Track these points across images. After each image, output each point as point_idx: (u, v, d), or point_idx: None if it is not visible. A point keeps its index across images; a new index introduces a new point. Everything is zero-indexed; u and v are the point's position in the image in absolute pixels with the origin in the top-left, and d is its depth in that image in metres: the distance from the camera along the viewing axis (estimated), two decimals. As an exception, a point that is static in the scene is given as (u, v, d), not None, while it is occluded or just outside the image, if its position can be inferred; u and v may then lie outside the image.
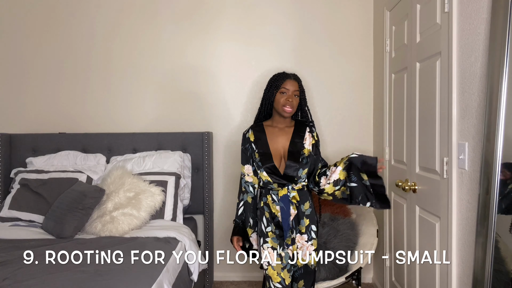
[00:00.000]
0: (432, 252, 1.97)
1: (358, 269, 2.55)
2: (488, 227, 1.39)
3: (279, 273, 2.02)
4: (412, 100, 2.24)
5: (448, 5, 1.75)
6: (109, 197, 2.57)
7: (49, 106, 3.26)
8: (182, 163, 2.97)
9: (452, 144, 1.73)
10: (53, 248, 2.17)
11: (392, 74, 2.65)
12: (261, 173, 2.01)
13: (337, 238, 2.66)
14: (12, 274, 1.79)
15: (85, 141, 3.10)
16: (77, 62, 3.25)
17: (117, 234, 2.42)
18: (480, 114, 1.53)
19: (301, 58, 3.19)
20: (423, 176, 2.09)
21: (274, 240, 2.03)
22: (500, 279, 1.37)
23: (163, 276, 1.88)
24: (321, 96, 3.20)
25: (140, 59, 3.23)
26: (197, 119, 3.23)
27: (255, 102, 3.20)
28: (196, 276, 2.42)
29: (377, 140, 3.06)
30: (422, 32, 2.10)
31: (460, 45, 1.69)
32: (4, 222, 2.67)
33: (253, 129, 2.11)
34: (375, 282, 3.15)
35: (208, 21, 3.22)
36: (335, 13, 3.19)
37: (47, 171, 2.89)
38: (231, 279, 3.26)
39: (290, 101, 1.99)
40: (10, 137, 3.12)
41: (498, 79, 1.35)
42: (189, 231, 2.59)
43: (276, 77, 2.06)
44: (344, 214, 2.91)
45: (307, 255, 2.03)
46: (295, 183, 1.99)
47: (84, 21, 3.24)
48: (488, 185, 1.40)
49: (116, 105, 3.25)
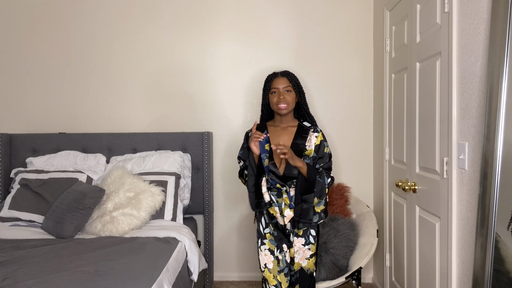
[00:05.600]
0: (432, 252, 1.97)
1: (358, 269, 2.55)
2: (488, 227, 1.38)
3: (276, 276, 2.00)
4: (412, 100, 2.24)
5: (448, 5, 1.75)
6: (109, 197, 2.57)
7: (49, 106, 3.26)
8: (182, 163, 2.97)
9: (452, 144, 1.73)
10: (53, 248, 2.17)
11: (392, 74, 2.65)
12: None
13: (337, 238, 2.66)
14: (12, 274, 1.78)
15: (85, 141, 3.10)
16: (77, 62, 3.25)
17: (117, 234, 2.42)
18: (480, 114, 1.53)
19: (300, 58, 3.19)
20: (423, 176, 2.09)
21: (272, 242, 2.02)
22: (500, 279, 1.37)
23: (163, 276, 1.88)
24: (321, 96, 3.20)
25: (140, 59, 3.23)
26: (197, 119, 3.23)
27: (255, 102, 3.20)
28: (196, 276, 2.42)
29: (377, 140, 3.06)
30: (422, 32, 2.10)
31: (460, 45, 1.69)
32: (4, 222, 2.67)
33: (256, 128, 2.10)
34: (375, 282, 3.15)
35: (208, 21, 3.22)
36: (335, 13, 3.19)
37: (47, 171, 2.89)
38: (231, 279, 3.26)
39: (282, 98, 1.98)
40: (10, 137, 3.12)
41: (498, 79, 1.35)
42: (189, 231, 2.59)
43: (266, 79, 2.08)
44: (344, 214, 2.91)
45: (304, 260, 2.02)
46: (294, 184, 1.98)
47: (84, 21, 3.24)
48: (488, 185, 1.39)
49: (116, 105, 3.25)
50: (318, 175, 1.93)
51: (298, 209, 1.92)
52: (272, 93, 2.02)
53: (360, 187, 3.20)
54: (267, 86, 2.04)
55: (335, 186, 3.05)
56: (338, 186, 3.05)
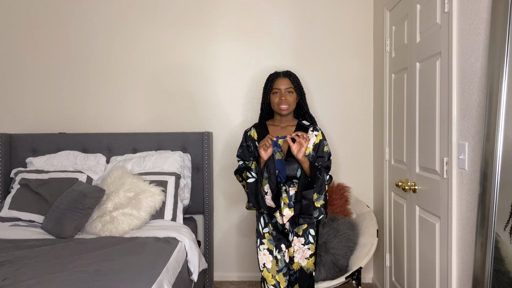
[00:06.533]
0: (432, 252, 1.97)
1: (358, 269, 2.55)
2: (488, 227, 1.38)
3: (274, 276, 2.00)
4: (412, 100, 2.24)
5: (448, 5, 1.75)
6: (109, 197, 2.57)
7: (49, 106, 3.26)
8: (182, 163, 2.97)
9: (452, 144, 1.73)
10: (53, 248, 2.17)
11: (392, 74, 2.65)
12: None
13: (337, 238, 2.66)
14: (12, 274, 1.78)
15: (85, 141, 3.10)
16: (77, 62, 3.25)
17: (117, 234, 2.42)
18: (480, 114, 1.53)
19: (301, 58, 3.19)
20: (423, 176, 2.09)
21: (271, 242, 2.02)
22: (500, 279, 1.37)
23: (163, 276, 1.88)
24: (321, 96, 3.20)
25: (140, 59, 3.23)
26: (197, 119, 3.23)
27: (255, 102, 3.20)
28: (196, 276, 2.42)
29: (377, 140, 3.06)
30: (422, 32, 2.10)
31: (460, 45, 1.69)
32: (4, 222, 2.67)
33: (255, 127, 2.10)
34: (375, 282, 3.15)
35: (208, 21, 3.22)
36: (335, 13, 3.19)
37: (47, 171, 2.89)
38: (231, 279, 3.26)
39: (284, 99, 1.98)
40: (10, 137, 3.12)
41: (498, 79, 1.35)
42: (189, 231, 2.59)
43: (268, 78, 2.07)
44: (344, 214, 2.91)
45: (303, 259, 2.02)
46: (294, 184, 1.98)
47: (84, 21, 3.24)
48: (488, 185, 1.39)
49: (116, 105, 3.25)
50: (318, 171, 1.93)
51: (297, 206, 1.92)
52: (273, 93, 2.02)
53: (360, 187, 3.20)
54: (269, 85, 2.04)
55: (335, 186, 3.05)
56: (338, 186, 3.05)
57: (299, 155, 1.86)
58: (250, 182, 1.97)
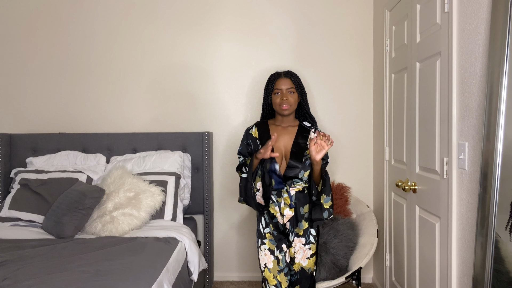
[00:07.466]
0: (432, 252, 1.97)
1: (358, 269, 2.55)
2: (488, 227, 1.39)
3: (275, 276, 2.00)
4: (412, 100, 2.24)
5: (448, 5, 1.75)
6: (109, 197, 2.57)
7: (49, 106, 3.26)
8: (182, 163, 2.97)
9: (452, 144, 1.73)
10: (53, 248, 2.17)
11: (392, 74, 2.65)
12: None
13: (337, 238, 2.66)
14: (12, 274, 1.78)
15: (85, 141, 3.10)
16: (77, 62, 3.25)
17: (117, 234, 2.42)
18: (480, 114, 1.53)
19: (301, 58, 3.19)
20: (423, 176, 2.09)
21: (272, 242, 2.02)
22: (500, 279, 1.37)
23: (163, 276, 1.88)
24: (321, 96, 3.20)
25: (140, 59, 3.23)
26: (197, 119, 3.23)
27: (255, 102, 3.20)
28: (196, 276, 2.42)
29: (377, 140, 3.06)
30: (422, 32, 2.10)
31: (460, 45, 1.69)
32: (4, 222, 2.67)
33: (257, 125, 2.10)
34: (375, 282, 3.15)
35: (208, 21, 3.22)
36: (335, 13, 3.19)
37: (47, 171, 2.89)
38: (231, 279, 3.26)
39: (285, 99, 1.98)
40: (10, 137, 3.12)
41: (498, 79, 1.35)
42: (189, 231, 2.59)
43: (269, 78, 2.07)
44: (344, 214, 2.91)
45: (304, 260, 2.02)
46: (295, 184, 1.98)
47: (84, 21, 3.24)
48: (488, 185, 1.39)
49: (116, 105, 3.25)
50: (324, 173, 1.97)
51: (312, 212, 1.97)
52: (275, 93, 2.02)
53: (360, 187, 3.20)
54: (270, 86, 2.04)
55: (335, 186, 3.05)
56: (338, 186, 3.05)
57: (318, 157, 1.85)
58: (243, 177, 2.03)
